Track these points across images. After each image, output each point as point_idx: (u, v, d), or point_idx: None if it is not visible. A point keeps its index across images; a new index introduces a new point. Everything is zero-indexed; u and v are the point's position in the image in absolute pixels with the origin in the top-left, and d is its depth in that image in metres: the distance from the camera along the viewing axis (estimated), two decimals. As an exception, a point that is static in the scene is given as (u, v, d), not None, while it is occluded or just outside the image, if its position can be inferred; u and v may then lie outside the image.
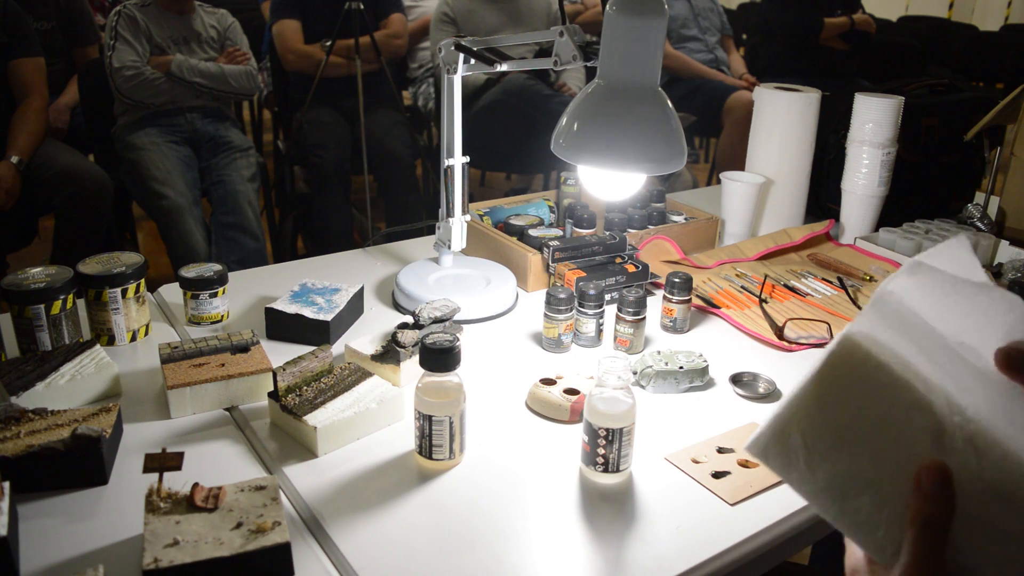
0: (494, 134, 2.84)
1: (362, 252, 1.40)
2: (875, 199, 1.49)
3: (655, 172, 0.86)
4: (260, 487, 0.71)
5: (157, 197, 2.36)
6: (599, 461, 0.79)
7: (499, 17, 2.95)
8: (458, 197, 1.19)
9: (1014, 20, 6.11)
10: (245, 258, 2.41)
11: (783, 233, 1.48)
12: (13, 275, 0.99)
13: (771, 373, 1.01)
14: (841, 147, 1.53)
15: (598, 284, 1.06)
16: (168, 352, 0.94)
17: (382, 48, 2.76)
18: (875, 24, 3.59)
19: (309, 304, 1.08)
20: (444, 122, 1.16)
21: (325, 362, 0.91)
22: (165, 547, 0.64)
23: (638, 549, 0.72)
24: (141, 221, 3.23)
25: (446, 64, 1.12)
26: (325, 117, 2.79)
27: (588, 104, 0.87)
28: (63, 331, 0.99)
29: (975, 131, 1.55)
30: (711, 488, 0.80)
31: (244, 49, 2.65)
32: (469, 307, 1.13)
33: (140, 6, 2.49)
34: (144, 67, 2.45)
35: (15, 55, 2.32)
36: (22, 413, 0.80)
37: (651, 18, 0.82)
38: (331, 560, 0.70)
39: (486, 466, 0.83)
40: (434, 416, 0.79)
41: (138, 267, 1.04)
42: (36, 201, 2.29)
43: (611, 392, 0.78)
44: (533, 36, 1.05)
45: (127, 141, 2.46)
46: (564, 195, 1.49)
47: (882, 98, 1.43)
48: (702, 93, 3.29)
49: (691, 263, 1.35)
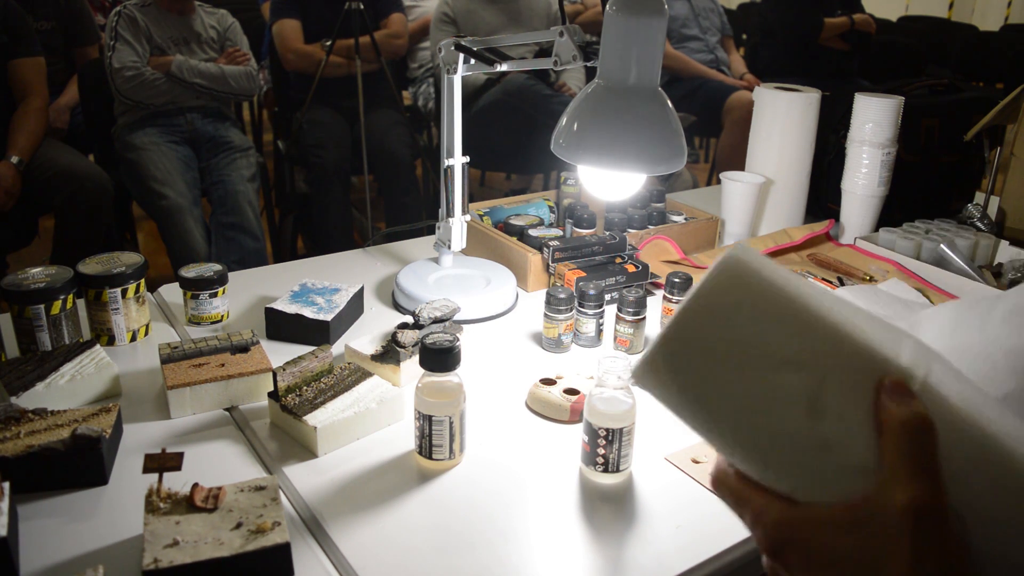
0: (494, 134, 2.84)
1: (362, 252, 1.40)
2: (875, 199, 1.49)
3: (655, 172, 0.86)
4: (260, 487, 0.71)
5: (157, 197, 2.36)
6: (599, 461, 0.79)
7: (499, 17, 2.95)
8: (458, 197, 1.19)
9: (1014, 20, 6.11)
10: (245, 258, 2.41)
11: (783, 233, 1.48)
12: (13, 275, 0.99)
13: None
14: (841, 147, 1.53)
15: (598, 284, 1.06)
16: (168, 352, 0.94)
17: (382, 48, 2.76)
18: (875, 24, 3.59)
19: (309, 304, 1.08)
20: (444, 122, 1.16)
21: (325, 362, 0.91)
22: (165, 547, 0.64)
23: (638, 549, 0.72)
24: (141, 221, 3.23)
25: (446, 64, 1.12)
26: (325, 117, 2.79)
27: (588, 104, 0.87)
28: (63, 331, 0.99)
29: (975, 131, 1.55)
30: (711, 488, 0.80)
31: (244, 50, 2.65)
32: (469, 307, 1.13)
33: (140, 6, 2.49)
34: (144, 68, 2.45)
35: (15, 55, 2.32)
36: (22, 413, 0.80)
37: (651, 18, 0.82)
38: (331, 560, 0.70)
39: (486, 466, 0.83)
40: (434, 416, 0.79)
41: (138, 267, 1.04)
42: (36, 201, 2.29)
43: (611, 392, 0.78)
44: (533, 36, 1.05)
45: (127, 141, 2.46)
46: (564, 195, 1.49)
47: (882, 98, 1.43)
48: (702, 93, 3.28)
49: (691, 263, 1.35)
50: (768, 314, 0.42)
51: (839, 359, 0.41)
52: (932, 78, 1.73)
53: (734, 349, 0.43)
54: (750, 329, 0.42)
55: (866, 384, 0.41)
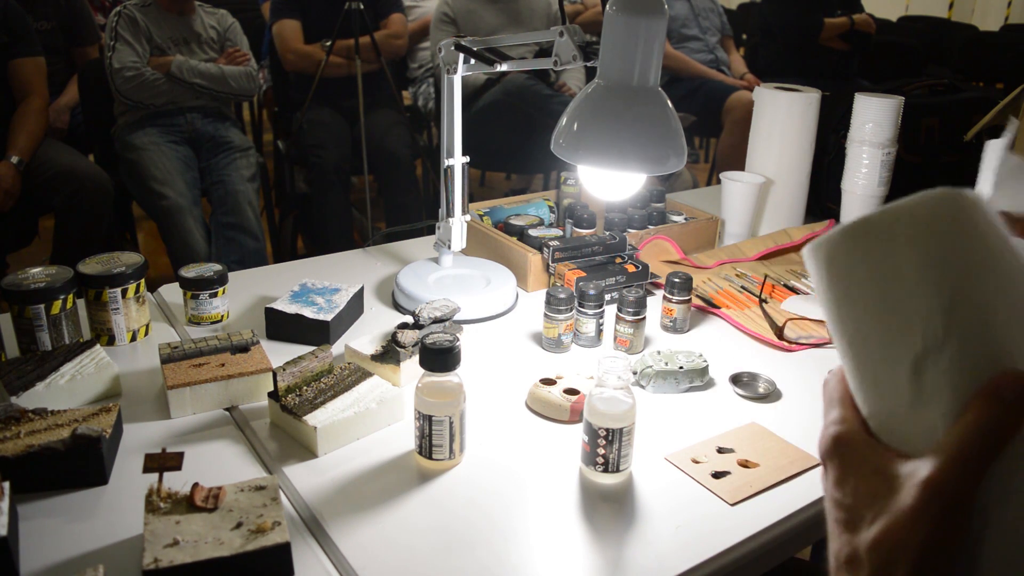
0: (494, 134, 2.84)
1: (362, 252, 1.40)
2: (875, 199, 1.49)
3: (655, 172, 0.86)
4: (260, 487, 0.71)
5: (157, 197, 2.36)
6: (599, 461, 0.79)
7: (499, 17, 2.95)
8: (458, 197, 1.19)
9: (1014, 20, 6.11)
10: (245, 258, 2.41)
11: (783, 233, 1.48)
12: (13, 275, 0.99)
13: (771, 373, 1.01)
14: (841, 147, 1.53)
15: (598, 284, 1.06)
16: (168, 352, 0.94)
17: (382, 48, 2.76)
18: (875, 24, 3.59)
19: (309, 304, 1.08)
20: (444, 122, 1.16)
21: (325, 362, 0.91)
22: (165, 547, 0.64)
23: (638, 549, 0.72)
24: (141, 221, 3.23)
25: (446, 64, 1.12)
26: (325, 117, 2.79)
27: (588, 104, 0.87)
28: (63, 331, 0.99)
29: (975, 131, 1.55)
30: (711, 488, 0.80)
31: (244, 50, 2.65)
32: (469, 307, 1.13)
33: (140, 7, 2.49)
34: (144, 68, 2.45)
35: (15, 55, 2.32)
36: (22, 413, 0.80)
37: (651, 18, 0.82)
38: (331, 560, 0.70)
39: (486, 466, 0.83)
40: (434, 416, 0.79)
41: (138, 267, 1.04)
42: (36, 201, 2.29)
43: (611, 392, 0.78)
44: (533, 36, 1.05)
45: (127, 141, 2.46)
46: (564, 195, 1.49)
47: (882, 98, 1.43)
48: (702, 93, 3.29)
49: (691, 263, 1.35)
50: (950, 264, 0.41)
51: (983, 339, 0.41)
52: (932, 78, 1.73)
53: (890, 275, 0.43)
54: (919, 269, 0.42)
55: (985, 371, 0.41)
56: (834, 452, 0.46)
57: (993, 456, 0.40)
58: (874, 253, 0.43)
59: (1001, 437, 0.40)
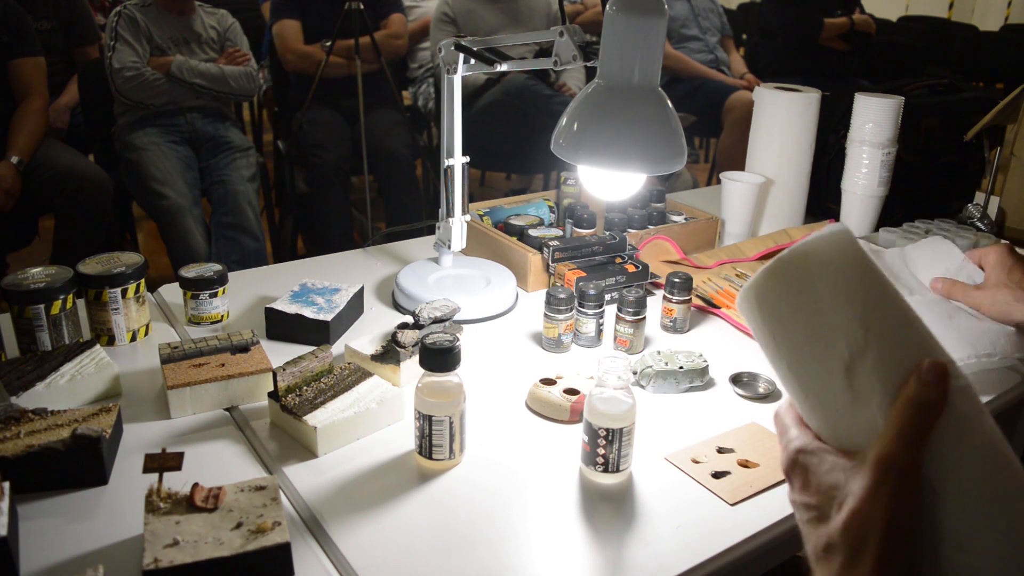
0: (494, 134, 2.84)
1: (362, 252, 1.40)
2: (875, 199, 1.49)
3: (655, 172, 0.86)
4: (260, 487, 0.71)
5: (157, 197, 2.36)
6: (599, 461, 0.79)
7: (499, 17, 2.95)
8: (458, 197, 1.19)
9: (1014, 20, 6.11)
10: (245, 258, 2.41)
11: (783, 233, 1.48)
12: (13, 275, 0.99)
13: (771, 373, 1.01)
14: (841, 147, 1.53)
15: (598, 284, 1.06)
16: (168, 352, 0.94)
17: (382, 48, 2.77)
18: (875, 24, 3.59)
19: (309, 304, 1.08)
20: (444, 122, 1.16)
21: (325, 362, 0.91)
22: (165, 547, 0.64)
23: (638, 549, 0.72)
24: (141, 221, 3.23)
25: (446, 64, 1.12)
26: (325, 117, 2.79)
27: (588, 104, 0.87)
28: (63, 331, 0.99)
29: (975, 131, 1.55)
30: (711, 488, 0.80)
31: (244, 50, 2.65)
32: (469, 307, 1.13)
33: (140, 7, 2.49)
34: (144, 68, 2.45)
35: (15, 55, 2.32)
36: (22, 413, 0.80)
37: (651, 18, 0.82)
38: (331, 560, 0.70)
39: (486, 466, 0.83)
40: (434, 416, 0.79)
41: (138, 267, 1.04)
42: (36, 201, 2.29)
43: (611, 392, 0.78)
44: (533, 36, 1.05)
45: (127, 141, 2.46)
46: (564, 195, 1.49)
47: (882, 98, 1.43)
48: (702, 93, 3.29)
49: (691, 263, 1.35)
50: (853, 283, 0.50)
51: (898, 337, 0.49)
52: (932, 78, 1.73)
53: (810, 301, 0.50)
54: (832, 289, 0.50)
55: (909, 364, 0.49)
56: (796, 464, 0.53)
57: (929, 427, 0.47)
58: (794, 286, 0.51)
59: (932, 411, 0.47)
